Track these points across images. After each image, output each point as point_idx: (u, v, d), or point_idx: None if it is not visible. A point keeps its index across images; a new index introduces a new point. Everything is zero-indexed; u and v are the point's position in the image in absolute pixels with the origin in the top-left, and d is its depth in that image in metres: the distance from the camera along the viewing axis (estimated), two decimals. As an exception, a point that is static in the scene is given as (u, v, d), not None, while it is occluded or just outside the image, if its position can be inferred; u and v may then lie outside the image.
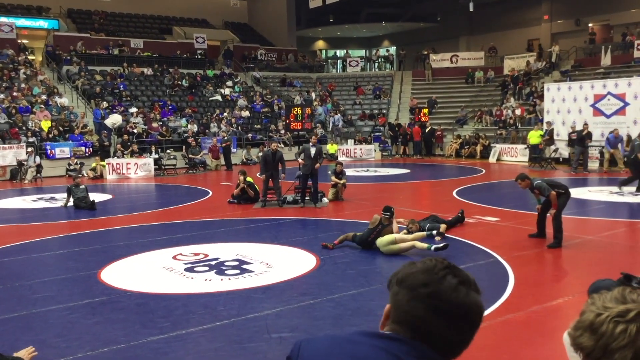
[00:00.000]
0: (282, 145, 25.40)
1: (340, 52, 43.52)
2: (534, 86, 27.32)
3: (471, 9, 30.84)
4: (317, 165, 12.84)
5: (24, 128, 21.98)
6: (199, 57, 32.52)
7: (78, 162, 20.71)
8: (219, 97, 29.36)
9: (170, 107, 26.96)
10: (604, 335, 1.26)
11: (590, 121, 20.21)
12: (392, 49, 40.67)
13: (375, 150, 26.64)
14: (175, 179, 19.98)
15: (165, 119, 25.79)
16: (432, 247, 8.04)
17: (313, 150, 12.86)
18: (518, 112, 25.73)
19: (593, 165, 19.67)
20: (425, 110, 27.11)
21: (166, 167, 21.87)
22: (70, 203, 13.37)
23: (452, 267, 1.28)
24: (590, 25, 32.72)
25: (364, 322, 5.67)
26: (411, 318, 1.28)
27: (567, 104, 21.49)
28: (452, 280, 1.25)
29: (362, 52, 44.30)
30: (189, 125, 25.14)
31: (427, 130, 26.58)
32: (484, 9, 34.48)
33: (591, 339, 1.28)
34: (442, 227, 9.44)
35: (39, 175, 19.64)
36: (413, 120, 27.94)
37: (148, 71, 29.56)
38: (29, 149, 20.05)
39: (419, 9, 38.99)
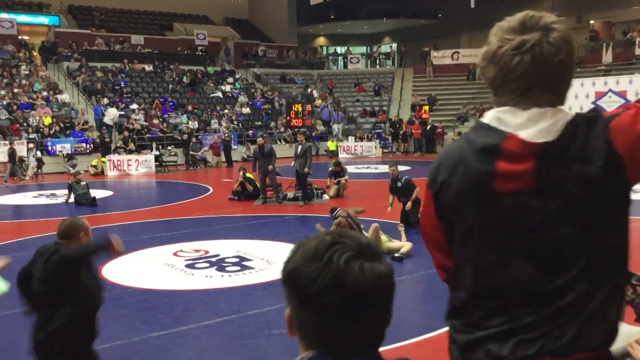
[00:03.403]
0: (283, 142, 25.42)
1: (341, 49, 43.45)
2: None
3: (472, 5, 30.76)
4: (306, 169, 12.53)
5: (25, 124, 21.97)
6: (200, 53, 32.48)
7: (67, 156, 20.54)
8: (219, 94, 29.33)
9: (171, 103, 26.94)
10: (503, 67, 1.37)
11: (592, 118, 20.16)
12: (394, 46, 40.62)
13: (375, 147, 26.61)
14: (176, 176, 19.98)
15: (166, 115, 25.77)
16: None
17: (299, 149, 12.79)
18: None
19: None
20: (426, 107, 27.08)
21: (167, 163, 21.87)
22: (72, 199, 13.37)
23: (336, 242, 1.02)
24: (591, 22, 32.65)
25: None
26: (311, 330, 1.07)
27: (568, 101, 20.48)
28: (339, 262, 0.99)
29: (363, 49, 44.22)
30: (190, 122, 25.13)
31: (428, 127, 26.56)
32: (485, 5, 34.38)
33: (494, 70, 1.40)
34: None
35: (39, 171, 19.63)
36: (414, 117, 27.91)
37: (149, 67, 29.53)
38: (30, 145, 20.04)
39: (420, 5, 38.90)
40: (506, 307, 1.41)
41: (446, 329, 1.63)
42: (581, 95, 21.11)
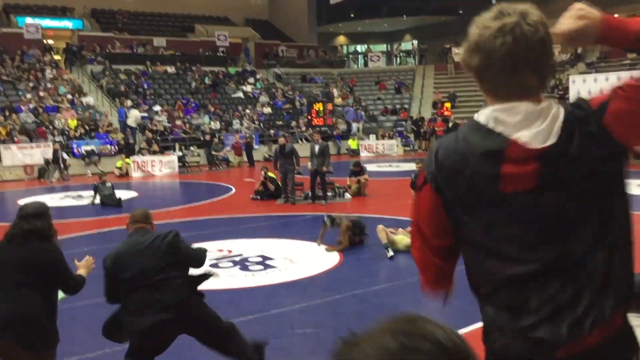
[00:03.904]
0: (304, 142, 25.47)
1: (361, 47, 43.37)
2: (559, 79, 26.90)
3: (494, 2, 30.44)
4: (324, 168, 12.48)
5: (51, 127, 22.37)
6: (221, 54, 32.71)
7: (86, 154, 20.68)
8: (240, 94, 29.51)
9: (193, 104, 27.19)
10: (487, 51, 1.47)
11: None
12: (415, 43, 40.39)
13: (397, 146, 26.52)
14: (198, 176, 20.16)
15: (189, 116, 26.02)
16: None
17: (317, 148, 12.79)
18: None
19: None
20: (448, 105, 26.89)
21: (190, 164, 22.08)
22: (97, 200, 13.59)
23: (407, 348, 0.73)
24: (616, 15, 32.07)
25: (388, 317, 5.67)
26: None
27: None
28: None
29: (383, 47, 44.06)
30: (212, 123, 25.33)
31: (450, 124, 26.38)
32: (507, 1, 34.05)
33: (477, 57, 1.50)
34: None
35: (66, 173, 19.98)
36: (435, 115, 27.74)
37: (171, 69, 29.85)
38: (56, 147, 20.39)
39: (441, 2, 38.62)
40: (541, 289, 1.47)
41: (471, 327, 1.64)
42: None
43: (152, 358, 3.86)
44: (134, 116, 23.54)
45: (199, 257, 3.99)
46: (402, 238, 8.23)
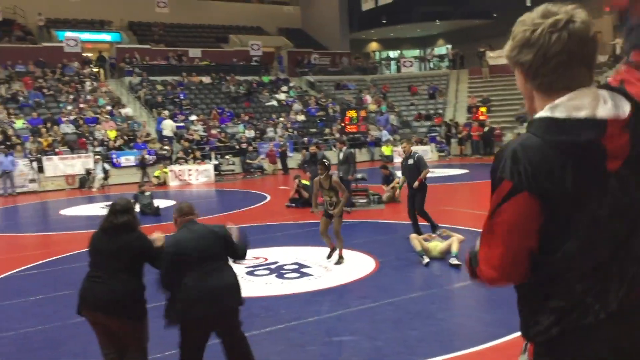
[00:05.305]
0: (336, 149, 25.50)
1: (393, 53, 43.27)
2: (597, 81, 26.25)
3: (528, 4, 30.02)
4: (350, 176, 12.41)
5: (91, 138, 22.97)
6: (255, 63, 33.07)
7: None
8: (274, 103, 29.78)
9: (227, 113, 27.56)
10: (541, 46, 1.50)
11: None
12: (449, 47, 40.06)
13: (431, 151, 26.32)
14: (234, 184, 20.39)
15: (224, 125, 26.38)
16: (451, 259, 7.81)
17: (341, 155, 12.74)
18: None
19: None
20: (484, 109, 26.57)
21: (225, 172, 22.35)
22: (137, 209, 13.84)
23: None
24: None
25: (425, 325, 5.65)
26: None
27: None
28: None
29: (416, 52, 43.88)
30: (246, 131, 25.62)
31: (485, 129, 26.07)
32: (541, 2, 33.50)
33: (529, 53, 1.52)
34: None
35: (106, 183, 20.47)
36: (470, 120, 27.46)
37: (206, 79, 30.33)
38: (96, 157, 20.93)
39: (474, 6, 38.27)
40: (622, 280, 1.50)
41: (510, 337, 1.64)
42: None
43: (203, 347, 4.15)
44: (169, 126, 23.98)
45: (243, 249, 4.38)
46: (436, 245, 8.19)
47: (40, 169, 20.65)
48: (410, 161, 9.43)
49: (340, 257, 8.16)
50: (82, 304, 4.11)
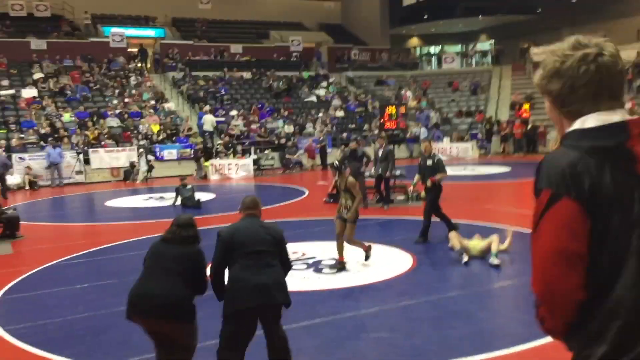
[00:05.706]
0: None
1: (434, 49, 42.76)
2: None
3: (573, 0, 29.26)
4: (388, 173, 12.42)
5: (135, 131, 23.51)
6: (295, 59, 33.21)
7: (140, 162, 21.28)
8: (314, 98, 29.85)
9: (267, 109, 27.79)
10: (570, 77, 1.58)
11: None
12: (492, 42, 39.37)
13: (472, 149, 25.95)
14: (273, 179, 20.57)
15: (264, 120, 26.61)
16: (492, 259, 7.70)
17: (380, 153, 12.69)
18: (628, 105, 24.07)
19: None
20: (527, 106, 26.03)
21: (264, 167, 22.57)
22: (178, 202, 14.17)
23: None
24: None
25: (464, 325, 5.61)
26: None
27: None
28: None
29: (457, 48, 43.24)
30: (286, 127, 25.78)
31: (529, 126, 25.54)
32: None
33: (558, 83, 1.60)
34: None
35: (149, 175, 20.93)
36: (513, 117, 26.94)
37: (247, 75, 30.64)
38: (140, 151, 21.41)
39: (518, 1, 37.48)
40: None
41: (550, 338, 1.62)
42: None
43: (246, 340, 4.23)
44: (210, 121, 24.32)
45: (290, 266, 4.57)
46: (477, 243, 8.10)
47: (87, 161, 21.26)
48: (429, 162, 9.35)
49: (367, 253, 7.93)
50: (132, 310, 4.13)
